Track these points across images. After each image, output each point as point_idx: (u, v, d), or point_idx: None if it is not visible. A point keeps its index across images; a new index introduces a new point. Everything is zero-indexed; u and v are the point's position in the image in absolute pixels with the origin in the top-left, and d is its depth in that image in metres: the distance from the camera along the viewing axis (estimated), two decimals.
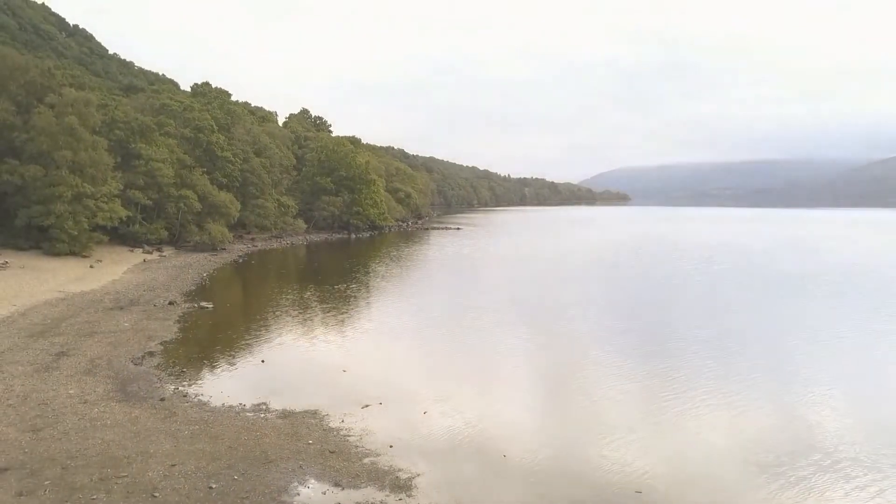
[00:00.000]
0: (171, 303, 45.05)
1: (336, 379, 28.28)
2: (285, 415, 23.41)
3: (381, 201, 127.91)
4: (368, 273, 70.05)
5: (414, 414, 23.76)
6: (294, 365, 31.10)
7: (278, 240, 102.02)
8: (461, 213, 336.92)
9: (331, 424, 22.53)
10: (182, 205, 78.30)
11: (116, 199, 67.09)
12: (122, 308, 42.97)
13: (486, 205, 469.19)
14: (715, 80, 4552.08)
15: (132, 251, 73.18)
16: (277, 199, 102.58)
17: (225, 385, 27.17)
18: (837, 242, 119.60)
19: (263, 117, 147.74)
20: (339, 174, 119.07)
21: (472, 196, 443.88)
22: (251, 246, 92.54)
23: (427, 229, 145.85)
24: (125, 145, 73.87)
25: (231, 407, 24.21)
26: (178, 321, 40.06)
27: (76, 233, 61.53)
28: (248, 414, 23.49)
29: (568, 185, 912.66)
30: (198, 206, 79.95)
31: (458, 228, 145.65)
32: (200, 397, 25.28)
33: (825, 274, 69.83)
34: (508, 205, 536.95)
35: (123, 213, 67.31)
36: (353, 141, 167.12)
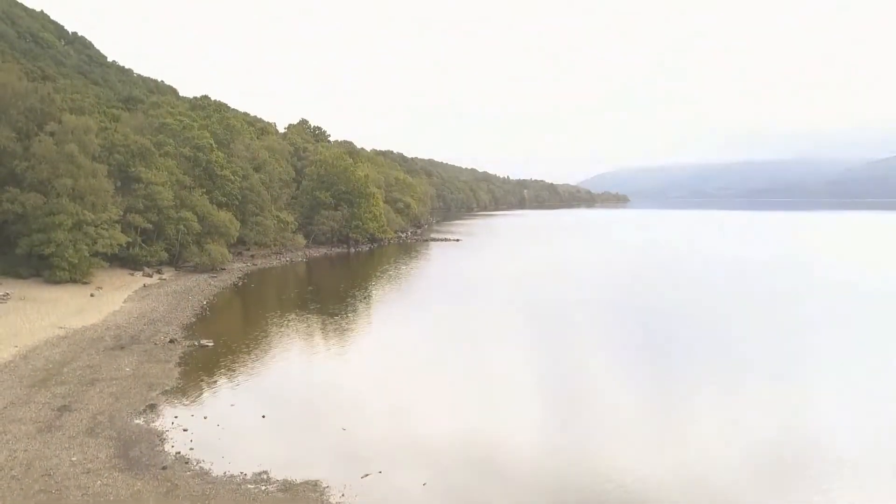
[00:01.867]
0: (171, 340, 45.30)
1: (336, 440, 28.52)
2: (286, 487, 23.67)
3: (381, 214, 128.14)
4: (369, 299, 70.19)
5: (413, 486, 24.01)
6: (294, 420, 31.30)
7: (278, 256, 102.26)
8: (460, 217, 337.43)
9: (331, 500, 22.78)
10: (182, 227, 78.51)
11: (116, 226, 67.30)
12: (122, 347, 43.20)
13: (485, 208, 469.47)
14: (714, 80, 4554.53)
15: (132, 275, 73.41)
16: (277, 216, 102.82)
17: (226, 446, 27.40)
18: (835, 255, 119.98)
19: (263, 129, 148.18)
20: (338, 188, 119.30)
21: (471, 200, 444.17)
22: (251, 264, 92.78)
23: (426, 241, 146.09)
24: (125, 169, 74.10)
25: (232, 477, 24.45)
26: (179, 363, 40.32)
27: (76, 261, 61.77)
28: (249, 486, 23.75)
29: (567, 187, 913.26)
30: (197, 227, 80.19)
31: (458, 240, 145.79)
32: (202, 464, 25.52)
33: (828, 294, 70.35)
34: (508, 208, 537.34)
35: (123, 239, 67.51)
36: (352, 152, 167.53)
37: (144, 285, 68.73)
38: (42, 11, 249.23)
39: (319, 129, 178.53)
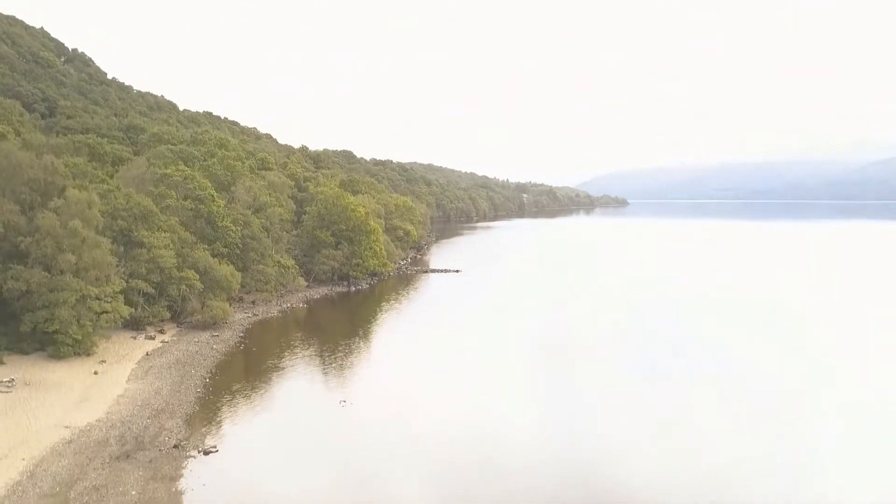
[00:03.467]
0: (176, 445, 45.87)
1: None
2: None
3: (381, 249, 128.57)
4: (371, 358, 70.44)
5: None
6: None
7: (279, 301, 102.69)
8: (460, 230, 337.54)
9: None
10: (184, 286, 79.03)
11: (120, 296, 67.79)
12: (128, 456, 43.77)
13: (484, 216, 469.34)
14: (715, 80, 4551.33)
15: (134, 338, 73.92)
16: (278, 261, 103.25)
17: None
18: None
19: (263, 160, 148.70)
20: (338, 227, 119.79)
21: (470, 208, 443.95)
22: (251, 314, 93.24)
23: (426, 272, 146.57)
24: (127, 233, 74.60)
25: None
26: (185, 476, 40.95)
27: (80, 337, 62.30)
28: None
29: (566, 190, 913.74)
30: (199, 285, 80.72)
31: (458, 271, 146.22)
32: None
33: None
34: (507, 215, 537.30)
35: (126, 311, 68.00)
36: (352, 180, 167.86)
37: (147, 353, 69.22)
38: (42, 28, 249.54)
39: (319, 153, 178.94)
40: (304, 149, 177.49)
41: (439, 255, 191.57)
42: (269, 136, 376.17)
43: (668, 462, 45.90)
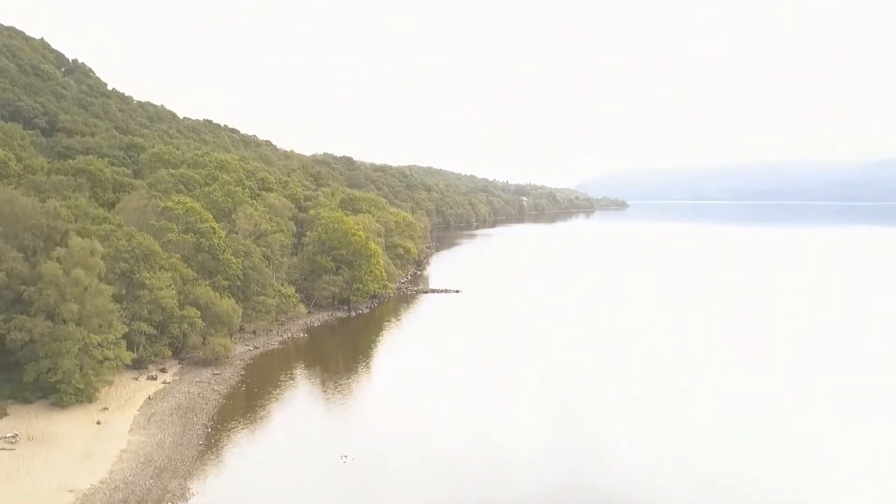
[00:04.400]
0: None
1: None
2: None
3: (381, 272, 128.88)
4: (373, 398, 70.80)
5: None
6: None
7: (279, 329, 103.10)
8: (460, 238, 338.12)
9: None
10: (185, 325, 79.40)
11: (122, 342, 68.15)
12: None
13: (484, 221, 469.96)
14: (715, 81, 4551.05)
15: (136, 379, 74.29)
16: (279, 290, 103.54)
17: None
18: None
19: (263, 180, 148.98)
20: (339, 252, 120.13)
21: (470, 214, 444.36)
22: (252, 347, 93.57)
23: (426, 292, 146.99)
24: (129, 275, 74.94)
25: None
26: None
27: (83, 386, 62.68)
28: None
29: (566, 192, 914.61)
30: (200, 323, 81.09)
31: (458, 291, 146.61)
32: None
33: None
34: (507, 219, 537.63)
35: (129, 357, 68.45)
36: (352, 198, 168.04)
37: (149, 397, 69.58)
38: (42, 39, 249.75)
39: (320, 172, 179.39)
40: (304, 167, 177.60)
41: (439, 270, 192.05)
42: (268, 143, 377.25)
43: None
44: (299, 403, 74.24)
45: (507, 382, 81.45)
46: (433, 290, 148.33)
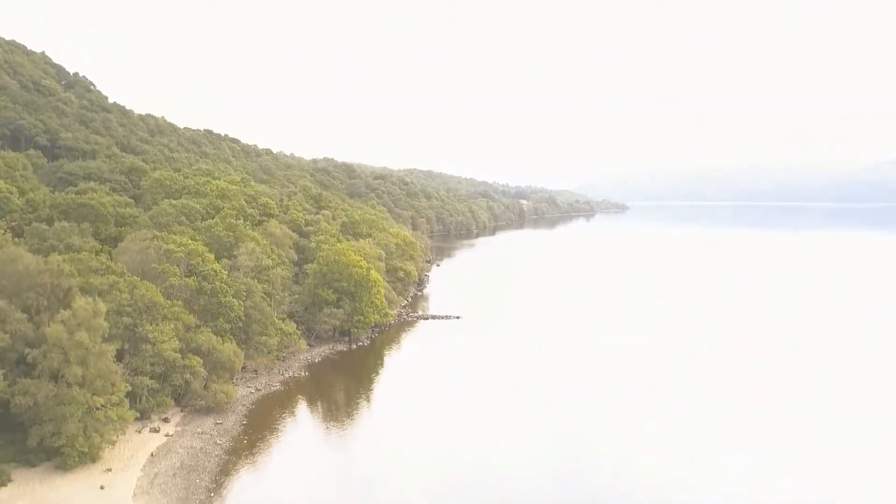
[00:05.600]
0: None
1: None
2: None
3: (382, 301, 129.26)
4: (378, 447, 71.52)
5: None
6: None
7: (281, 366, 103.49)
8: (459, 246, 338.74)
9: None
10: (188, 375, 79.85)
11: (125, 401, 68.56)
12: None
13: (484, 227, 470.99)
14: (715, 81, 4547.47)
15: (139, 432, 74.72)
16: (280, 329, 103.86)
17: None
18: None
19: (265, 206, 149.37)
20: (340, 284, 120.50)
21: (470, 221, 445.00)
22: (254, 388, 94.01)
23: (427, 318, 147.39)
24: (132, 329, 75.32)
25: None
26: None
27: (87, 449, 63.12)
28: None
29: (566, 195, 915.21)
30: (203, 373, 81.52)
31: (458, 317, 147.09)
32: None
33: None
34: (507, 225, 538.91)
35: (132, 417, 68.90)
36: (353, 221, 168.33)
37: (152, 454, 69.99)
38: (43, 53, 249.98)
39: (321, 193, 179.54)
40: (306, 188, 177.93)
41: (439, 289, 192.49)
42: (268, 152, 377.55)
43: None
44: (302, 456, 74.78)
45: (510, 419, 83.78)
46: (433, 317, 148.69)
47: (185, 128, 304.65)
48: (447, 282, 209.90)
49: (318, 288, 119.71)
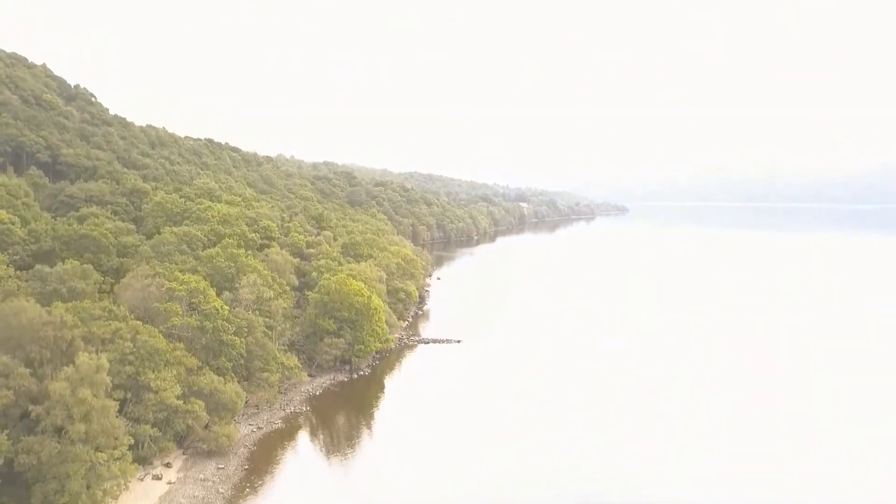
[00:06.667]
0: None
1: None
2: None
3: (383, 328, 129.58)
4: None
5: None
6: None
7: (282, 400, 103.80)
8: (460, 255, 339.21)
9: None
10: (190, 420, 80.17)
11: (128, 454, 68.85)
12: None
13: (485, 233, 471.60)
14: (714, 82, 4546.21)
15: (142, 479, 75.05)
16: (281, 363, 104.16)
17: None
18: None
19: (266, 229, 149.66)
20: (341, 314, 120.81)
21: (471, 228, 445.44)
22: (255, 427, 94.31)
23: (426, 343, 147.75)
24: (135, 378, 75.64)
25: None
26: None
27: None
28: None
29: (566, 197, 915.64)
30: (205, 417, 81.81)
31: (459, 341, 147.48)
32: None
33: None
34: (508, 229, 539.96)
35: (135, 470, 69.19)
36: (355, 244, 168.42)
37: None
38: (44, 65, 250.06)
39: (322, 214, 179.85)
40: (306, 208, 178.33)
41: (439, 307, 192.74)
42: (268, 159, 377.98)
43: None
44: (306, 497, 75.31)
45: (512, 445, 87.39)
46: (434, 340, 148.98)
47: (185, 137, 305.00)
48: (448, 297, 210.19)
49: (318, 318, 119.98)
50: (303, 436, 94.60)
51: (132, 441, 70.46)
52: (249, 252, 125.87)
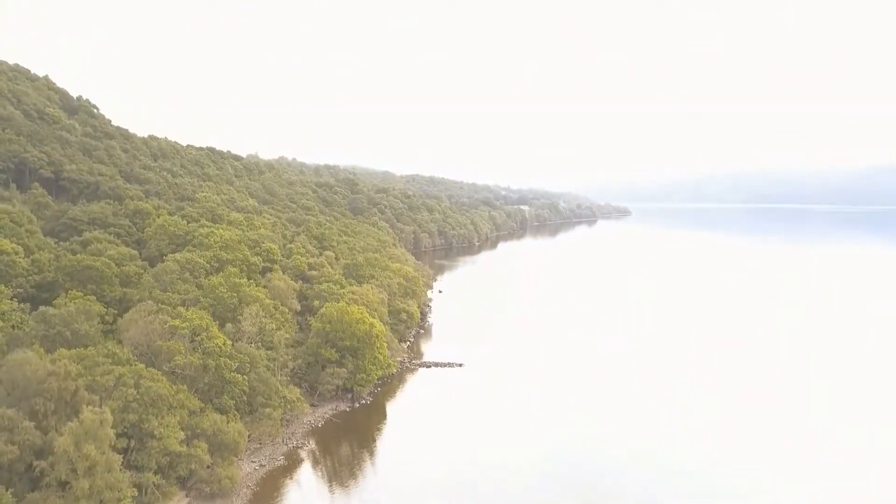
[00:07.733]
0: None
1: None
2: None
3: (385, 355, 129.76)
4: None
5: None
6: None
7: (284, 433, 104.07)
8: (461, 263, 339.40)
9: None
10: (194, 465, 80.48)
11: None
12: None
13: (486, 239, 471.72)
14: (715, 82, 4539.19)
15: None
16: (284, 397, 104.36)
17: None
18: None
19: (268, 251, 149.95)
20: (343, 343, 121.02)
21: (472, 234, 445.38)
22: (258, 464, 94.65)
23: (428, 366, 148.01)
24: (138, 426, 75.93)
25: None
26: None
27: None
28: None
29: (568, 198, 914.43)
30: (208, 460, 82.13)
31: (461, 365, 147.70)
32: None
33: None
34: (509, 234, 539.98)
35: None
36: (356, 264, 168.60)
37: None
38: (46, 77, 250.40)
39: (324, 234, 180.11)
40: (308, 229, 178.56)
41: (441, 324, 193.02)
42: (270, 167, 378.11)
43: None
44: None
45: (517, 468, 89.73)
46: (435, 364, 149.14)
47: (188, 146, 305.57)
48: (450, 312, 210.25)
49: (320, 347, 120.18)
50: (306, 472, 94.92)
51: (136, 493, 70.75)
52: (252, 280, 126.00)
